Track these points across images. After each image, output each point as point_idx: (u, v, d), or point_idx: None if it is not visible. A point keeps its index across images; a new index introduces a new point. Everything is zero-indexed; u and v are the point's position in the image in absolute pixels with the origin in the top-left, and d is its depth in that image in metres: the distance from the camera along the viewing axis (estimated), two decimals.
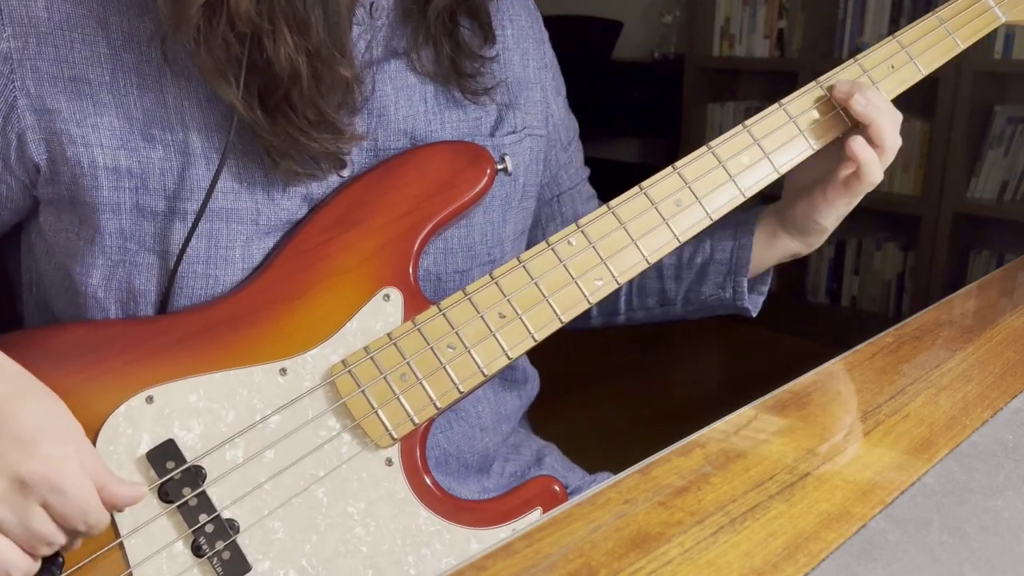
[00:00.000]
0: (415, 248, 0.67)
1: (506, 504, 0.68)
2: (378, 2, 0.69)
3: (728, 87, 3.24)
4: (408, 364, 0.65)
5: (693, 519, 0.48)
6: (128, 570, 0.60)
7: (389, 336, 0.65)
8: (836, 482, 0.52)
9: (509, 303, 0.66)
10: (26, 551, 0.56)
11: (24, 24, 0.61)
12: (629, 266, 0.69)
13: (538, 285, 0.67)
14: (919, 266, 2.70)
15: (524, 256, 0.67)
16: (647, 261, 0.69)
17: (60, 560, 0.58)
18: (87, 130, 0.62)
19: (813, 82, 0.75)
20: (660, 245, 0.70)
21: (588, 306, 0.68)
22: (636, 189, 0.70)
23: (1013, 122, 2.59)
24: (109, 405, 0.61)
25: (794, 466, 0.54)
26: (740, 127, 0.73)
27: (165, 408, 0.62)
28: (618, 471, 0.54)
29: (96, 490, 0.57)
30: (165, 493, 0.61)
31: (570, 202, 0.87)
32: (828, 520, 0.48)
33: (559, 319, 0.67)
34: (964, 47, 0.79)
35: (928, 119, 2.64)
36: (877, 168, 0.73)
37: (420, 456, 0.66)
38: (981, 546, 0.46)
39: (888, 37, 0.77)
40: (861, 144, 0.72)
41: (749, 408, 0.62)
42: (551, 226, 0.86)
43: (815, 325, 2.87)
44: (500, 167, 0.71)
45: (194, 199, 0.64)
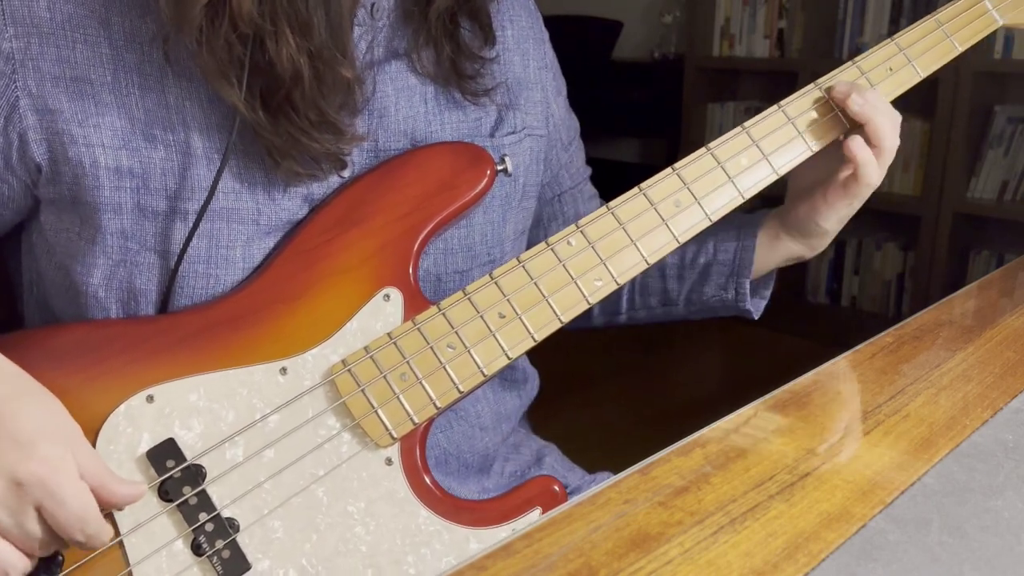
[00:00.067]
0: (415, 248, 0.67)
1: (506, 504, 0.68)
2: (379, 3, 0.69)
3: (728, 87, 3.24)
4: (408, 364, 0.65)
5: (693, 519, 0.48)
6: (128, 569, 0.60)
7: (389, 336, 0.65)
8: (836, 482, 0.52)
9: (509, 303, 0.66)
10: (23, 551, 0.56)
11: (26, 24, 0.61)
12: (628, 267, 0.69)
13: (538, 285, 0.67)
14: (919, 266, 2.70)
15: (524, 256, 0.67)
16: (646, 262, 0.69)
17: (60, 559, 0.58)
18: (89, 130, 0.62)
19: (812, 84, 0.75)
20: (659, 246, 0.70)
21: (588, 307, 0.68)
22: (635, 190, 0.70)
23: (1013, 122, 2.59)
24: (109, 404, 0.61)
25: (794, 466, 0.54)
26: (739, 128, 0.73)
27: (165, 407, 0.62)
28: (618, 471, 0.54)
29: (94, 498, 0.56)
30: (165, 492, 0.61)
31: (572, 201, 0.87)
32: (828, 520, 0.48)
33: (559, 319, 0.67)
34: (962, 50, 0.79)
35: (928, 119, 2.64)
36: (874, 169, 0.73)
37: (420, 456, 0.66)
38: (981, 546, 0.46)
39: (886, 40, 0.77)
40: (858, 144, 0.72)
41: (749, 408, 0.62)
42: (553, 225, 0.87)
43: (815, 325, 2.87)
44: (500, 168, 0.71)
45: (195, 199, 0.64)
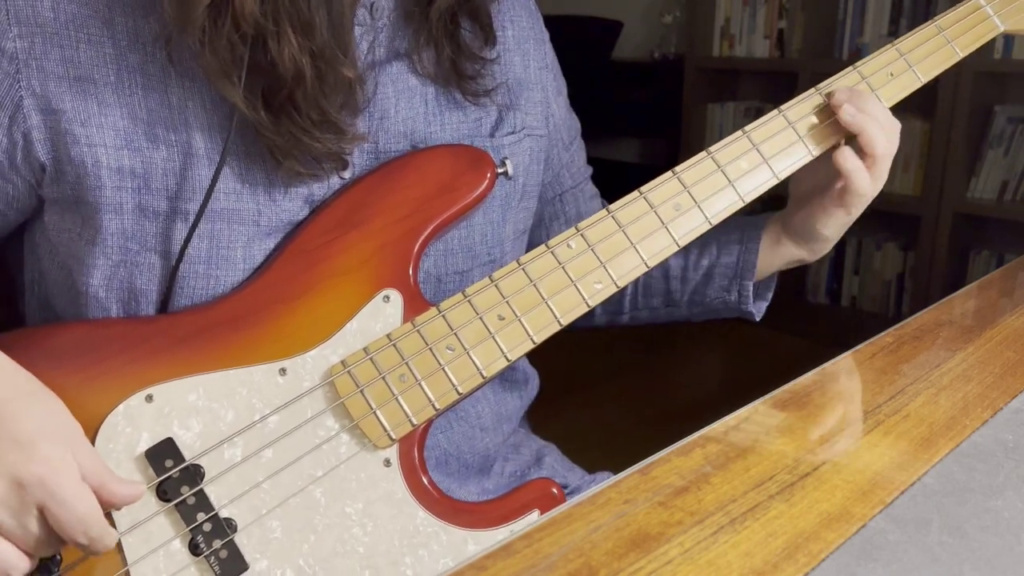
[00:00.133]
0: (415, 250, 0.67)
1: (504, 506, 0.68)
2: (378, 3, 0.69)
3: (728, 87, 3.24)
4: (407, 365, 0.65)
5: (693, 519, 0.48)
6: (125, 568, 0.60)
7: (388, 337, 0.65)
8: (836, 482, 0.52)
9: (508, 305, 0.66)
10: (24, 552, 0.56)
11: (30, 24, 0.61)
12: (628, 270, 0.69)
13: (537, 287, 0.67)
14: (919, 266, 2.70)
15: (524, 259, 0.67)
16: (646, 265, 0.69)
17: (58, 557, 0.58)
18: (91, 130, 0.62)
19: (812, 89, 0.75)
20: (659, 249, 0.70)
21: (587, 309, 0.68)
22: (636, 193, 0.70)
23: (1013, 122, 2.59)
24: (109, 404, 0.61)
25: (794, 466, 0.54)
26: (739, 132, 0.73)
27: (164, 407, 0.62)
28: (618, 471, 0.54)
29: (96, 500, 0.56)
30: (163, 491, 0.61)
31: (573, 201, 0.87)
32: (828, 520, 0.48)
33: (558, 322, 0.67)
34: (963, 55, 0.79)
35: (928, 119, 2.64)
36: (864, 179, 0.73)
37: (418, 457, 0.66)
38: (981, 546, 0.46)
39: (887, 45, 0.77)
40: (846, 155, 0.73)
41: (749, 408, 0.62)
42: (554, 225, 0.87)
43: (815, 325, 2.87)
44: (501, 171, 0.71)
45: (196, 199, 0.64)
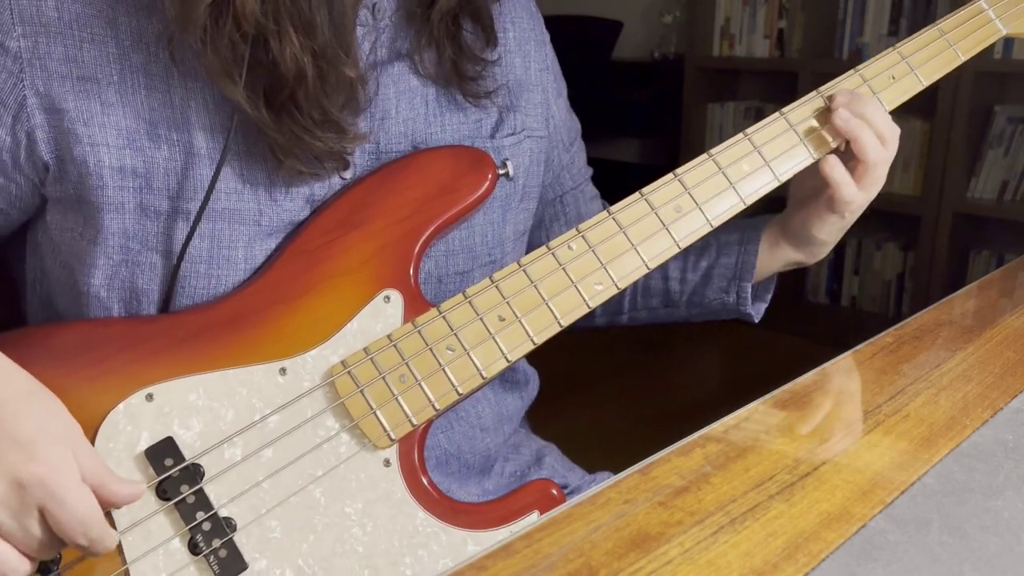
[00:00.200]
0: (416, 250, 0.67)
1: (504, 507, 0.68)
2: (380, 3, 0.69)
3: (728, 87, 3.24)
4: (407, 365, 0.65)
5: (693, 519, 0.48)
6: (124, 567, 0.60)
7: (389, 337, 0.65)
8: (836, 482, 0.52)
9: (509, 306, 0.66)
10: (25, 554, 0.56)
11: (34, 23, 0.61)
12: (629, 271, 0.69)
13: (538, 288, 0.67)
14: (919, 266, 2.70)
15: (524, 260, 0.67)
16: (647, 266, 0.69)
17: (57, 556, 0.58)
18: (94, 129, 0.62)
19: (814, 91, 0.75)
20: (660, 251, 0.70)
21: (588, 311, 0.68)
22: (637, 195, 0.70)
23: (1013, 122, 2.59)
24: (109, 402, 0.61)
25: (794, 466, 0.54)
26: (741, 135, 0.73)
27: (165, 406, 0.62)
28: (618, 471, 0.54)
29: (97, 501, 0.56)
30: (163, 490, 0.61)
31: (573, 202, 0.87)
32: (828, 520, 0.48)
33: (558, 323, 0.67)
34: (965, 59, 0.79)
35: (928, 119, 2.65)
36: (850, 188, 0.73)
37: (418, 457, 0.66)
38: (981, 546, 0.46)
39: (889, 48, 0.77)
40: (832, 164, 0.73)
41: (749, 408, 0.62)
42: (555, 226, 0.87)
43: (815, 325, 2.87)
44: (502, 172, 0.71)
45: (197, 199, 0.64)
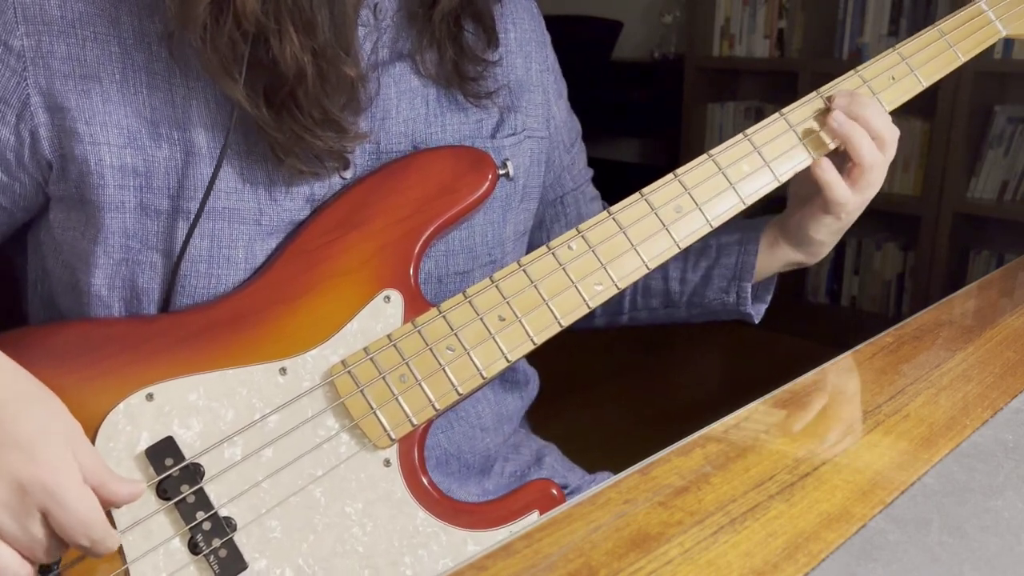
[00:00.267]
0: (416, 250, 0.67)
1: (504, 507, 0.68)
2: (382, 3, 0.69)
3: (728, 87, 3.24)
4: (407, 365, 0.65)
5: (693, 519, 0.48)
6: (125, 566, 0.60)
7: (389, 337, 0.65)
8: (836, 482, 0.52)
9: (509, 306, 0.66)
10: (26, 557, 0.55)
11: (37, 22, 0.61)
12: (629, 271, 0.69)
13: (538, 289, 0.67)
14: (919, 266, 2.70)
15: (524, 260, 0.67)
16: (647, 267, 0.69)
17: (58, 555, 0.58)
18: (95, 128, 0.62)
19: (814, 92, 0.75)
20: (660, 251, 0.70)
21: (588, 311, 0.68)
22: (637, 195, 0.70)
23: (1013, 122, 2.59)
24: (109, 402, 0.61)
25: (794, 466, 0.54)
26: (740, 135, 0.73)
27: (165, 406, 0.62)
28: (618, 471, 0.54)
29: (98, 502, 0.56)
30: (163, 490, 0.61)
31: (574, 203, 0.87)
32: (828, 520, 0.48)
33: (558, 323, 0.67)
34: (965, 60, 0.79)
35: (928, 119, 2.65)
36: (842, 191, 0.73)
37: (418, 457, 0.66)
38: (981, 546, 0.46)
39: (889, 49, 0.77)
40: (824, 167, 0.73)
41: (749, 408, 0.62)
42: (555, 227, 0.87)
43: (815, 325, 2.87)
44: (502, 172, 0.71)
45: (197, 198, 0.64)
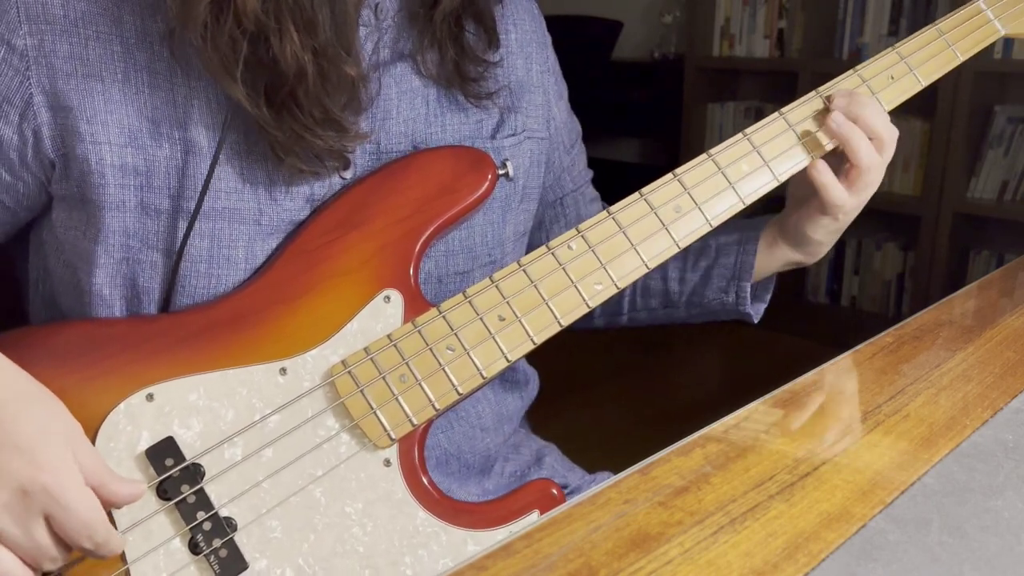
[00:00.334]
0: (416, 250, 0.67)
1: (504, 507, 0.68)
2: (382, 3, 0.69)
3: (728, 87, 3.24)
4: (407, 365, 0.65)
5: (693, 519, 0.48)
6: (125, 567, 0.60)
7: (389, 337, 0.65)
8: (836, 482, 0.52)
9: (509, 306, 0.66)
10: (28, 564, 0.55)
11: (40, 21, 0.61)
12: (629, 271, 0.69)
13: (538, 288, 0.67)
14: (919, 266, 2.70)
15: (524, 260, 0.67)
16: (647, 266, 0.69)
17: None
18: (96, 128, 0.62)
19: (813, 91, 0.75)
20: (660, 251, 0.70)
21: (587, 311, 0.68)
22: (636, 195, 0.70)
23: (1013, 122, 2.59)
24: (110, 402, 0.61)
25: (794, 466, 0.54)
26: (740, 135, 0.73)
27: (165, 406, 0.62)
28: (618, 471, 0.54)
29: (100, 504, 0.56)
30: (164, 490, 0.61)
31: (573, 204, 0.87)
32: (828, 520, 0.48)
33: (558, 323, 0.67)
34: (963, 59, 0.79)
35: (928, 119, 2.64)
36: (838, 193, 0.73)
37: (418, 457, 0.66)
38: (981, 546, 0.46)
39: (888, 49, 0.77)
40: (820, 169, 0.72)
41: (749, 407, 0.62)
42: (555, 228, 0.87)
43: (815, 325, 2.87)
44: (502, 172, 0.71)
45: (197, 198, 0.64)
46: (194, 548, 0.61)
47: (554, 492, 0.69)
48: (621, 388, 2.60)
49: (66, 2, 0.62)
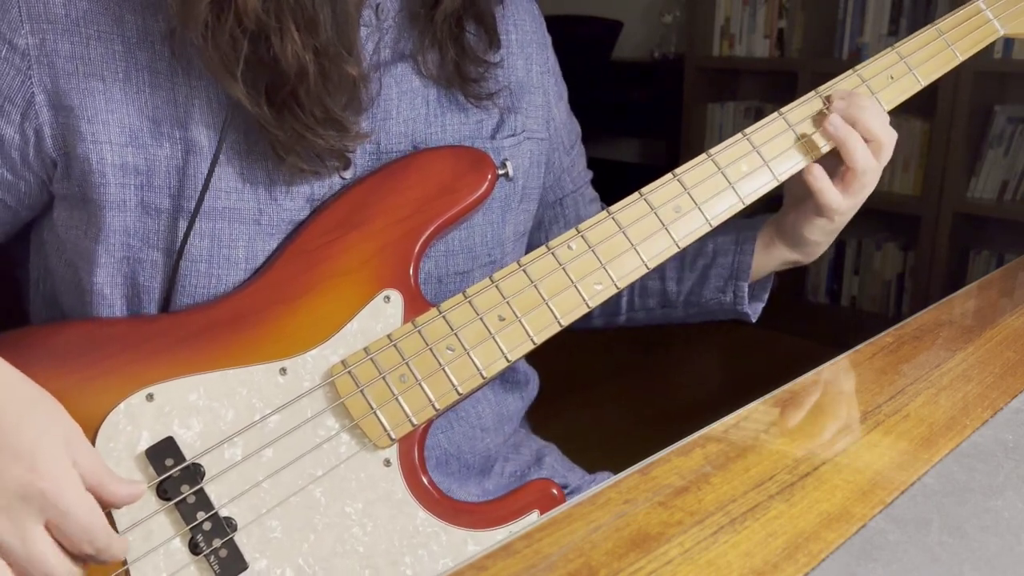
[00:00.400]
0: (416, 250, 0.67)
1: (504, 507, 0.68)
2: (383, 3, 0.69)
3: (728, 87, 3.24)
4: (407, 365, 0.65)
5: (693, 519, 0.48)
6: (125, 567, 0.60)
7: (389, 337, 0.65)
8: (836, 482, 0.52)
9: (509, 306, 0.66)
10: None
11: (41, 20, 0.61)
12: (628, 271, 0.69)
13: (538, 288, 0.67)
14: (919, 266, 2.70)
15: (524, 260, 0.67)
16: (646, 266, 0.69)
17: None
18: (97, 127, 0.62)
19: (813, 91, 0.75)
20: (659, 251, 0.70)
21: (587, 311, 0.68)
22: (636, 195, 0.70)
23: (1013, 122, 2.59)
24: (109, 402, 0.61)
25: (794, 466, 0.54)
26: (739, 135, 0.73)
27: (165, 406, 0.62)
28: (618, 471, 0.54)
29: (99, 509, 0.56)
30: (164, 490, 0.61)
31: (573, 205, 0.87)
32: (828, 520, 0.48)
33: (558, 323, 0.67)
34: (963, 59, 0.79)
35: (928, 119, 2.64)
36: (833, 196, 0.73)
37: (418, 457, 0.66)
38: (981, 546, 0.46)
39: (887, 49, 0.77)
40: (815, 173, 0.73)
41: (749, 407, 0.62)
42: (554, 228, 0.87)
43: (815, 325, 2.87)
44: (501, 172, 0.71)
45: (197, 197, 0.64)
46: (194, 548, 0.61)
47: (554, 492, 0.69)
48: (621, 388, 2.60)
49: (68, 1, 0.62)
